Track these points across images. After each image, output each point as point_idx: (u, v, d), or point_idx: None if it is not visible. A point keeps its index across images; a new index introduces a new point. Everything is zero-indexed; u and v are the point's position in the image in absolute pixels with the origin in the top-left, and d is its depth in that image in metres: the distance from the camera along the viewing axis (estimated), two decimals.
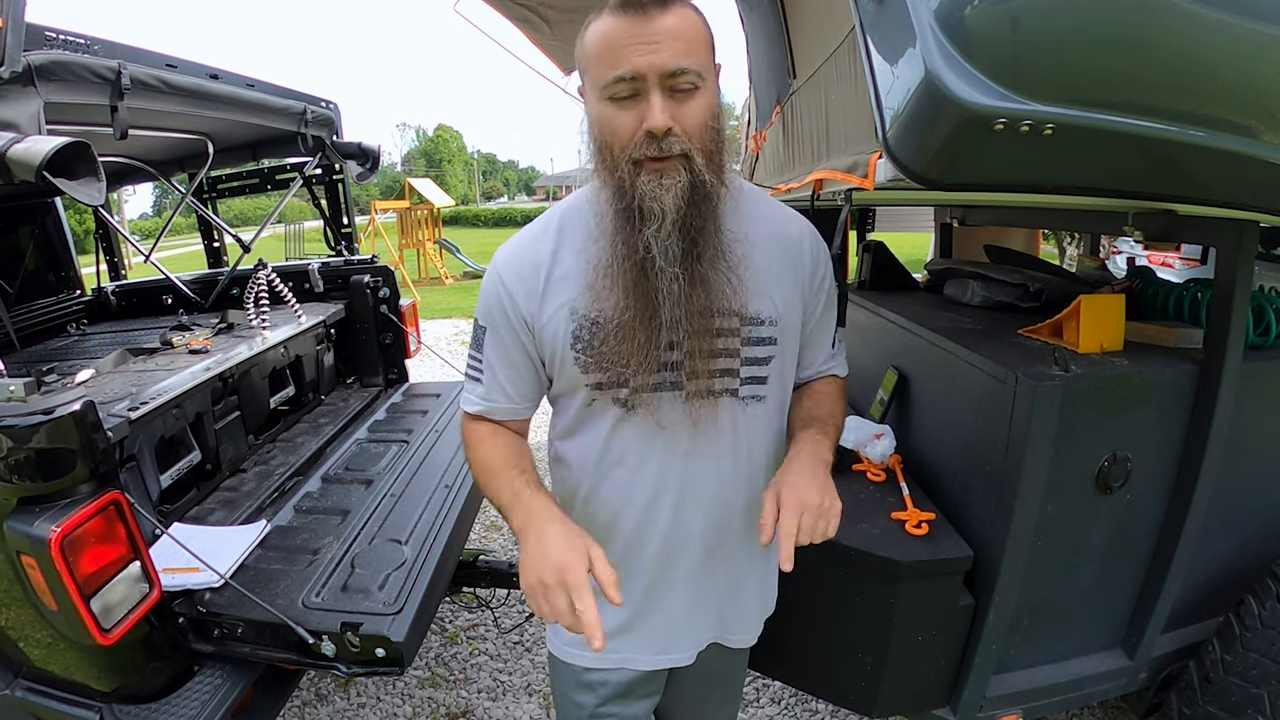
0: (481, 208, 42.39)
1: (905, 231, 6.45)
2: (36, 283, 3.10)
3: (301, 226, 7.80)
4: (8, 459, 1.25)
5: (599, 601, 0.82)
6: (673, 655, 1.11)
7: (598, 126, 0.87)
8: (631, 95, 0.83)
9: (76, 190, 1.36)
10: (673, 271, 0.86)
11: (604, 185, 0.89)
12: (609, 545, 1.00)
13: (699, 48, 0.84)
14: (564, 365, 0.96)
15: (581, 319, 0.93)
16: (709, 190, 0.86)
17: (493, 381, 1.02)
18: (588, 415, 1.00)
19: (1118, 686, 1.50)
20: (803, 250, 1.01)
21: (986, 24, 0.80)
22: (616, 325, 0.90)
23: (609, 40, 0.83)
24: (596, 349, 0.92)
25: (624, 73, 0.82)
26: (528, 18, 3.01)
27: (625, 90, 0.83)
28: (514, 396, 1.03)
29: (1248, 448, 1.40)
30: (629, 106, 0.84)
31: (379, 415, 2.72)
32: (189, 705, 1.43)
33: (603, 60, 0.83)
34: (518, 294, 0.96)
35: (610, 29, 0.83)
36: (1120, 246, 6.34)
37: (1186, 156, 0.90)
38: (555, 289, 0.95)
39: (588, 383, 0.96)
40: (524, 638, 2.53)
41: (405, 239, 12.65)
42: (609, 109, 0.85)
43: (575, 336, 0.94)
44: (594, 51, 0.85)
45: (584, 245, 0.94)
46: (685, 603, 1.07)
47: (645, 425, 0.96)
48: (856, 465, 1.69)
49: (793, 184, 2.03)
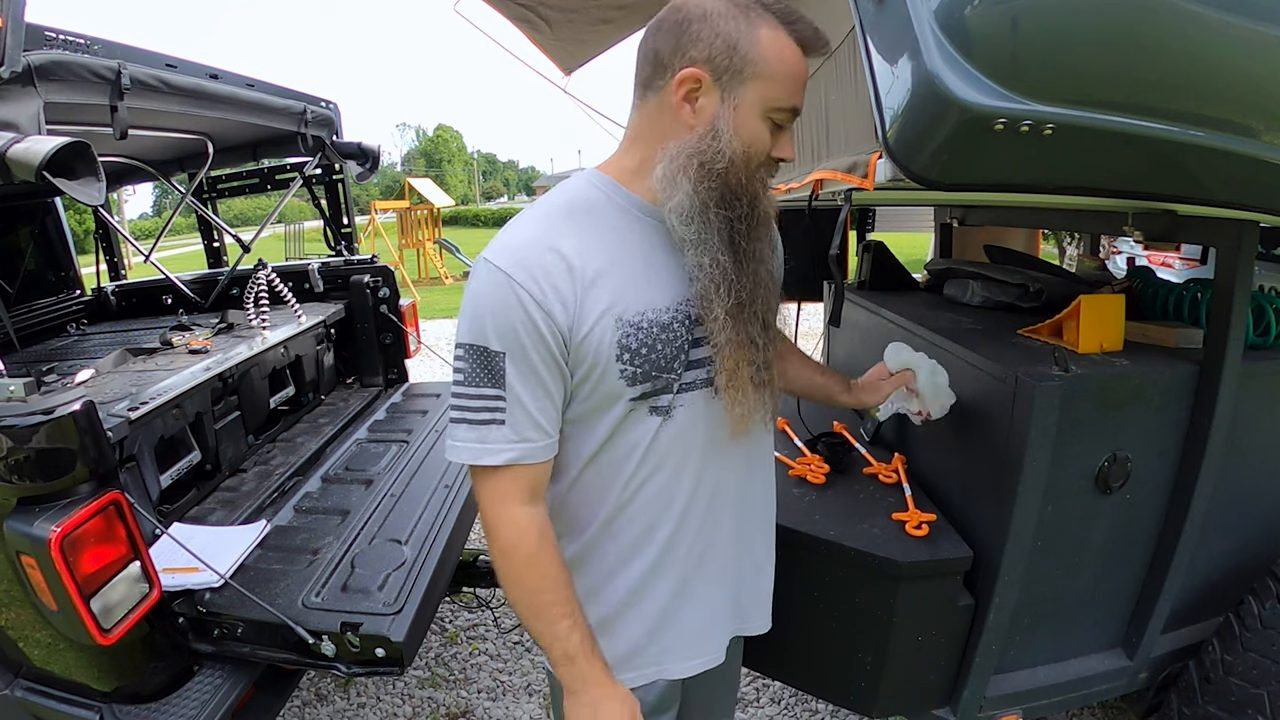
0: (481, 208, 42.44)
1: (905, 231, 6.45)
2: (36, 283, 3.10)
3: (301, 226, 7.80)
4: (8, 459, 1.25)
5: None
6: (706, 657, 1.07)
7: (746, 138, 0.86)
8: (780, 126, 0.89)
9: (76, 190, 1.36)
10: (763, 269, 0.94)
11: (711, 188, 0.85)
12: (641, 555, 0.98)
13: None
14: (603, 379, 0.87)
15: (628, 326, 0.86)
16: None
17: (523, 418, 0.85)
18: (621, 430, 0.91)
19: (1118, 687, 1.50)
20: (779, 257, 1.07)
21: (986, 24, 0.80)
22: (664, 314, 0.89)
23: (794, 71, 0.87)
24: (647, 358, 0.87)
25: (796, 105, 0.88)
26: (528, 18, 3.00)
27: (786, 120, 0.89)
28: (549, 430, 0.88)
29: (1248, 448, 1.40)
30: (775, 134, 0.89)
31: (379, 415, 2.72)
32: (189, 705, 1.43)
33: (783, 85, 0.86)
34: (552, 305, 0.83)
35: (796, 59, 0.87)
36: (1120, 246, 6.34)
37: (1187, 156, 0.90)
38: (591, 295, 0.85)
39: (632, 395, 0.89)
40: (524, 638, 2.53)
41: (405, 239, 12.66)
42: (764, 128, 0.88)
43: (622, 347, 0.86)
44: (775, 71, 0.85)
45: (616, 244, 0.88)
46: (715, 598, 1.05)
47: (683, 428, 0.93)
48: (867, 469, 1.69)
49: (792, 184, 2.02)
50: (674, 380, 0.90)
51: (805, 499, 1.55)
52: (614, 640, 1.00)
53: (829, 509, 1.51)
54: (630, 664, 1.02)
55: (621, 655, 1.01)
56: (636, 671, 1.03)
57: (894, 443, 1.83)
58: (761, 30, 0.84)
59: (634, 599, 0.99)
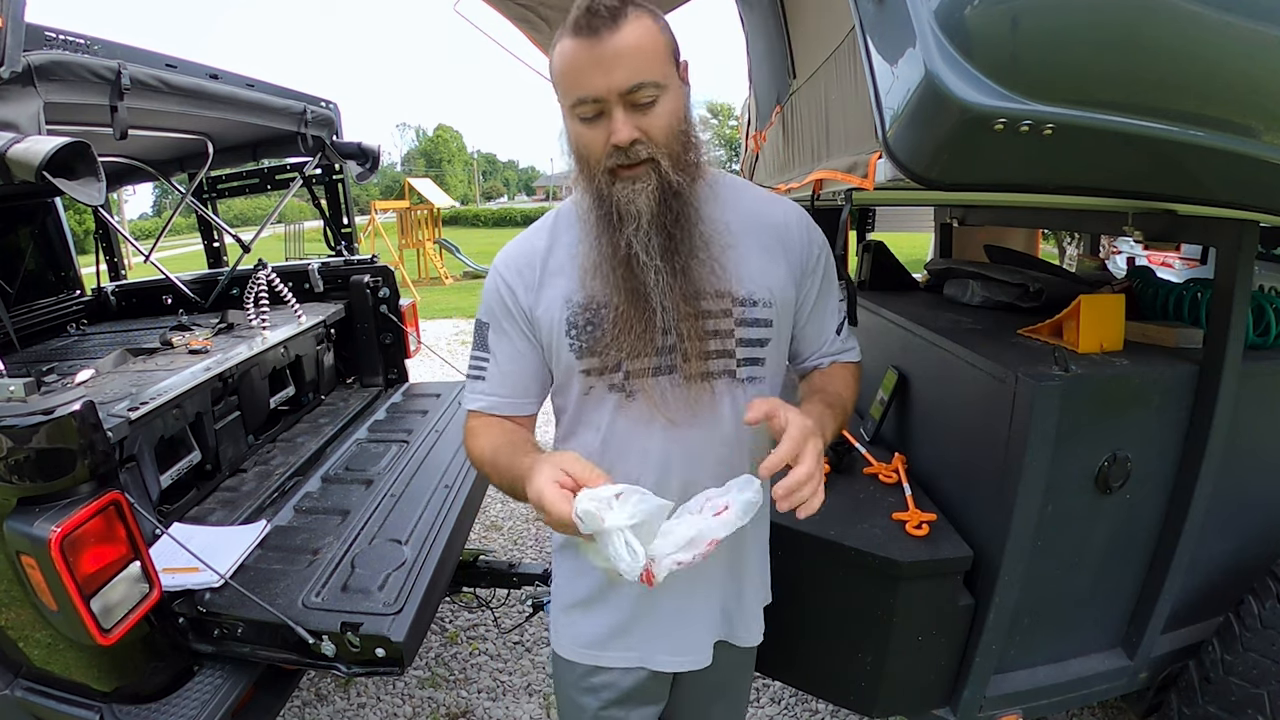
0: (481, 208, 42.38)
1: (905, 231, 6.45)
2: (36, 283, 3.10)
3: (301, 226, 7.80)
4: (8, 459, 1.25)
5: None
6: (689, 656, 1.09)
7: (574, 142, 0.94)
8: (596, 115, 0.89)
9: (76, 190, 1.36)
10: (655, 264, 0.92)
11: (585, 193, 0.96)
12: None
13: (655, 58, 0.88)
14: (560, 352, 1.00)
15: (575, 306, 0.98)
16: (679, 189, 0.92)
17: (495, 375, 1.05)
18: (587, 405, 1.02)
19: (1118, 686, 1.50)
20: (790, 233, 1.04)
21: (986, 24, 0.80)
22: (614, 316, 0.95)
23: (568, 64, 0.89)
24: (590, 335, 0.97)
25: (585, 95, 0.88)
26: (528, 18, 3.00)
27: (590, 111, 0.89)
28: (517, 389, 1.05)
29: (1248, 448, 1.40)
30: (596, 124, 0.90)
31: (379, 415, 2.72)
32: (189, 705, 1.43)
33: (566, 84, 0.90)
34: (516, 286, 1.01)
35: (568, 53, 0.88)
36: (1120, 246, 6.34)
37: (1187, 156, 0.90)
38: (551, 281, 1.00)
39: (582, 368, 0.99)
40: (524, 638, 2.53)
41: (405, 239, 12.65)
42: (579, 127, 0.92)
43: (570, 324, 0.98)
44: (558, 74, 0.91)
45: (575, 245, 1.00)
46: (693, 594, 1.07)
47: (645, 410, 0.99)
48: (868, 469, 1.69)
49: (793, 184, 2.03)
50: (622, 359, 0.96)
51: None
52: (596, 619, 1.09)
53: (829, 509, 1.48)
54: (613, 644, 1.09)
55: (604, 634, 1.09)
56: (618, 653, 1.09)
57: (894, 443, 1.83)
58: (555, 46, 0.91)
59: (610, 582, 1.06)
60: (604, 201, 0.93)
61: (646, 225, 0.91)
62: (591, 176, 0.93)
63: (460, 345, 7.15)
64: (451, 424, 2.60)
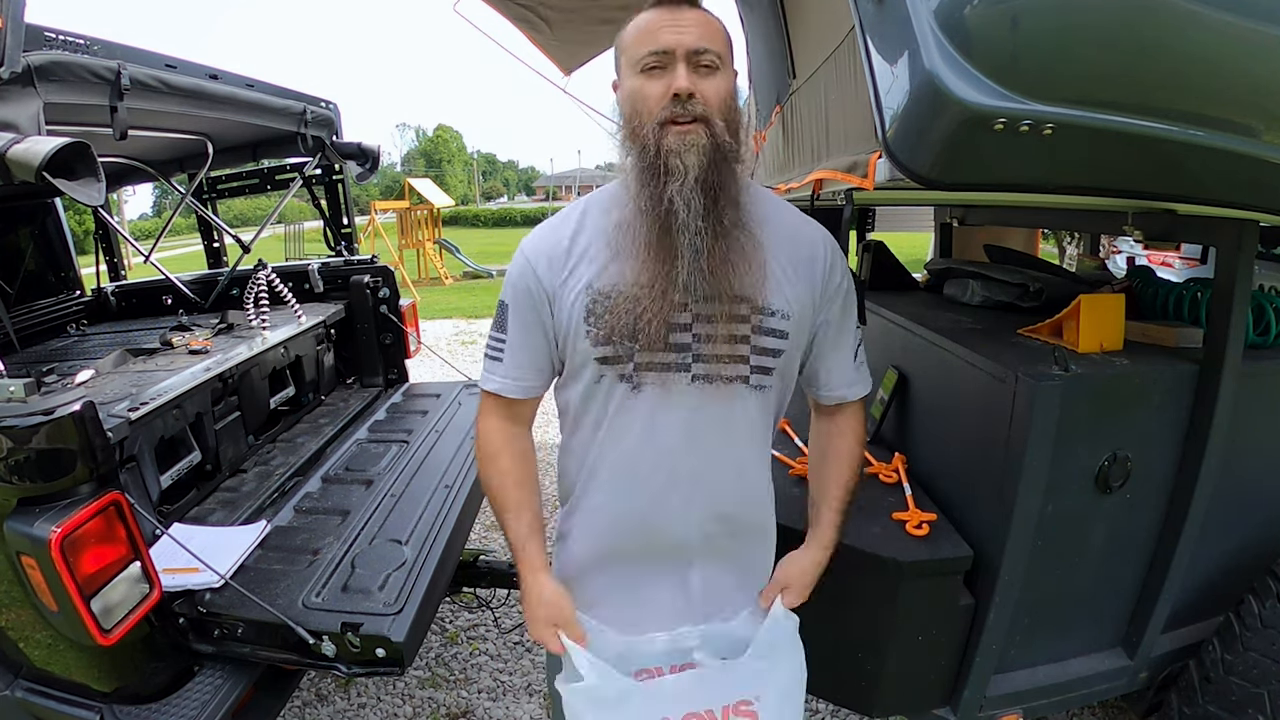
0: (481, 208, 42.39)
1: (905, 231, 6.45)
2: (36, 283, 3.10)
3: (301, 227, 7.81)
4: (8, 459, 1.24)
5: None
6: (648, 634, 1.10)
7: (630, 100, 0.96)
8: (661, 67, 0.93)
9: (76, 190, 1.36)
10: (696, 225, 0.92)
11: (630, 151, 0.96)
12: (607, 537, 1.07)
13: (722, 40, 0.96)
14: (576, 339, 1.00)
15: (596, 294, 0.98)
16: (728, 153, 0.94)
17: (512, 359, 1.06)
18: (594, 394, 1.02)
19: (1118, 686, 1.50)
20: (817, 254, 1.04)
21: (986, 24, 0.80)
22: (632, 288, 0.95)
23: (646, 25, 0.95)
24: (608, 323, 0.97)
25: (656, 48, 0.92)
26: (528, 18, 3.01)
27: (656, 62, 0.93)
28: (530, 374, 1.07)
29: (1248, 448, 1.40)
30: (658, 77, 0.93)
31: (379, 415, 2.72)
32: (189, 705, 1.43)
33: (639, 41, 0.95)
34: (540, 267, 1.02)
35: (647, 17, 0.95)
36: (1120, 246, 6.34)
37: (1187, 156, 0.90)
38: (576, 267, 1.00)
39: (596, 356, 0.99)
40: (524, 638, 2.53)
41: (405, 239, 12.65)
42: (640, 80, 0.94)
43: (589, 310, 0.98)
44: (631, 36, 0.96)
45: (605, 229, 1.01)
46: (681, 593, 1.08)
47: (649, 404, 0.99)
48: (868, 469, 1.68)
49: (793, 184, 2.03)
50: (636, 349, 0.96)
51: (806, 499, 1.54)
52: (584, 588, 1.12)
53: None
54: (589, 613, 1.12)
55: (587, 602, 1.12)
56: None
57: (894, 442, 1.83)
58: (629, 23, 0.98)
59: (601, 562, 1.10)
60: (649, 152, 0.93)
61: (693, 181, 0.91)
62: (642, 129, 0.93)
63: (460, 345, 7.15)
64: (451, 424, 2.60)
